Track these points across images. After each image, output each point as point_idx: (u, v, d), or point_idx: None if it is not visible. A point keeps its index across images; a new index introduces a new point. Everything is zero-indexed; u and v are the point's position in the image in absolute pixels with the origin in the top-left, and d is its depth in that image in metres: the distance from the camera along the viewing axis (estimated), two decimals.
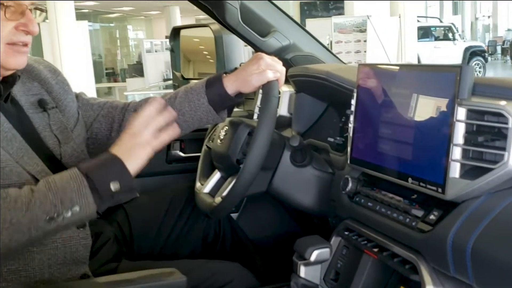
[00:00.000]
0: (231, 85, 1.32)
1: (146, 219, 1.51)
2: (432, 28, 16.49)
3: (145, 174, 1.87)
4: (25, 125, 1.21)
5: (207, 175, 1.53)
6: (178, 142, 1.89)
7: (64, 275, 1.12)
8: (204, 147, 1.62)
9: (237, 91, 1.34)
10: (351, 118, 1.28)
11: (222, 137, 1.42)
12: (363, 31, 9.84)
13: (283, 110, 1.70)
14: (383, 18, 10.47)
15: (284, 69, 1.35)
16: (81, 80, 9.62)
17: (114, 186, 1.04)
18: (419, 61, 12.96)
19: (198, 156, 1.69)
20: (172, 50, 2.24)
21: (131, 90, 10.00)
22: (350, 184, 1.22)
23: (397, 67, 1.14)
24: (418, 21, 14.06)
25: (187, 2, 1.77)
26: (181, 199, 1.57)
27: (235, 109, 1.94)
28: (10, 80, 1.19)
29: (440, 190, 0.98)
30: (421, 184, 1.03)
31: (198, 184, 1.52)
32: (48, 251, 1.10)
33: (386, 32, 9.79)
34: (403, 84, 1.11)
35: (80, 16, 12.96)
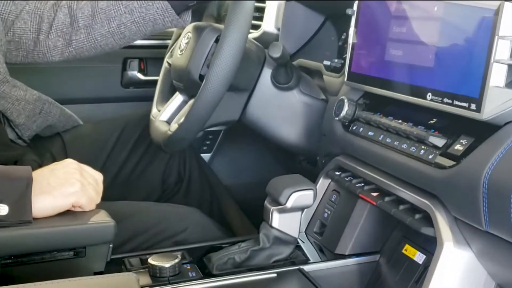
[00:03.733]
0: None
1: (88, 153, 1.20)
2: None
3: (95, 100, 1.57)
4: None
5: (166, 99, 1.21)
6: (136, 61, 1.54)
7: None
8: (164, 64, 1.29)
9: None
10: (353, 20, 0.95)
11: (183, 48, 1.10)
12: None
13: (268, 24, 1.35)
14: None
15: None
16: None
17: None
18: None
19: None
20: None
21: None
22: (346, 108, 0.90)
23: None
24: None
25: None
26: (135, 130, 1.26)
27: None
28: None
29: (473, 106, 0.67)
30: (446, 100, 0.71)
31: (154, 110, 1.21)
32: None
33: None
34: None
35: None
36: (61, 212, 0.79)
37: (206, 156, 1.51)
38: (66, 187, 0.79)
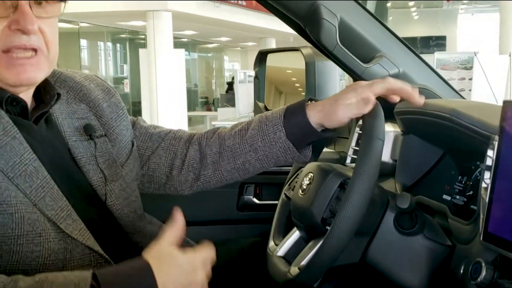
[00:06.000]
0: (315, 116, 1.03)
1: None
2: None
3: (211, 222, 1.62)
4: (61, 155, 0.97)
5: (283, 233, 1.22)
6: (252, 186, 1.60)
7: None
8: (282, 196, 1.31)
9: (321, 125, 1.04)
10: (486, 175, 0.91)
11: (305, 187, 1.10)
12: (469, 68, 9.22)
13: (384, 155, 1.34)
14: (491, 55, 9.75)
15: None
16: (174, 107, 9.81)
17: None
18: None
19: (276, 205, 1.39)
20: (256, 77, 1.99)
21: (221, 120, 10.00)
22: (484, 273, 0.85)
23: None
24: None
25: (283, 34, 1.57)
26: (249, 257, 1.27)
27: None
28: (47, 99, 0.97)
29: None
30: None
31: (271, 244, 1.21)
32: None
33: (494, 70, 9.11)
34: None
35: (178, 45, 13.37)
36: None
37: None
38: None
